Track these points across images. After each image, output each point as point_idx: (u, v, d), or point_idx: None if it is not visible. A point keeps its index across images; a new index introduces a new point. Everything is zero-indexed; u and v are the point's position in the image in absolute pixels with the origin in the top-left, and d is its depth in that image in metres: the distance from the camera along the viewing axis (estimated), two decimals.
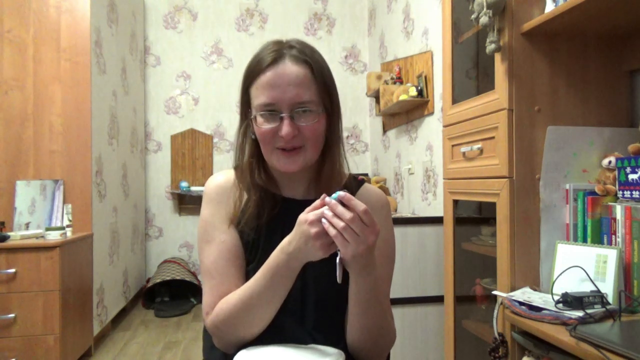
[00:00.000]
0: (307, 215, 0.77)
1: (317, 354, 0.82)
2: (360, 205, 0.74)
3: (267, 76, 0.85)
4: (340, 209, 0.74)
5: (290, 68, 0.85)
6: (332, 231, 0.75)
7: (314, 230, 0.76)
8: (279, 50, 0.87)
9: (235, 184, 0.95)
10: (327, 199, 0.76)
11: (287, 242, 0.81)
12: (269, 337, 0.88)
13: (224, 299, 0.88)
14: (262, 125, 0.85)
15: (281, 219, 0.92)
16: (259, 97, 0.86)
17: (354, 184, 0.99)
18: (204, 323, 0.92)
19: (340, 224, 0.74)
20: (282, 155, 0.87)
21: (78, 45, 2.78)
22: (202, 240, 0.94)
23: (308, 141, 0.87)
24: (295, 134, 0.85)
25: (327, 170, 0.93)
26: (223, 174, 0.98)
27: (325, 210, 0.76)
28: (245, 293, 0.85)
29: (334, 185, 0.92)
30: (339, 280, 0.78)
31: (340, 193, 0.75)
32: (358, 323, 0.87)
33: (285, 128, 0.83)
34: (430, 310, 2.27)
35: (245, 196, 0.92)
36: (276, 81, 0.84)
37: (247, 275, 0.92)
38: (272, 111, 0.85)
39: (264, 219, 0.91)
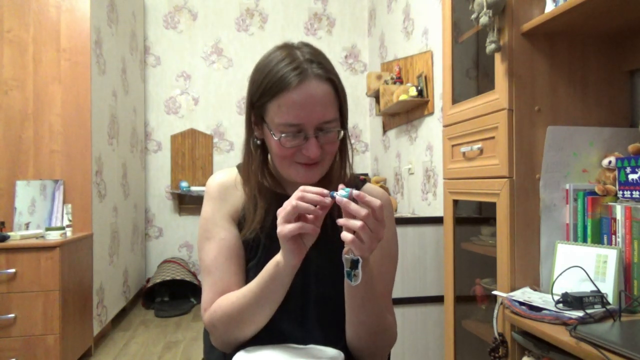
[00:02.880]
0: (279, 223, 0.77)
1: (316, 355, 0.82)
2: (375, 201, 0.74)
3: (293, 97, 0.82)
4: (354, 206, 0.73)
5: (316, 88, 0.83)
6: (348, 236, 0.74)
7: (279, 222, 0.76)
8: (300, 67, 0.84)
9: (238, 182, 0.95)
10: (338, 197, 0.75)
11: (279, 253, 0.81)
12: (268, 336, 0.88)
13: (223, 297, 0.88)
14: (286, 143, 0.85)
15: None
16: (282, 116, 0.84)
17: (357, 183, 0.99)
18: (202, 319, 0.93)
19: (357, 224, 0.73)
20: (301, 168, 0.87)
21: (78, 45, 2.78)
22: (202, 238, 0.94)
23: (327, 155, 0.88)
24: (320, 152, 0.85)
25: (336, 172, 0.93)
26: (225, 172, 0.98)
27: (295, 201, 0.75)
28: (241, 295, 0.85)
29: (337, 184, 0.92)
30: (356, 282, 0.77)
31: (354, 191, 0.74)
32: (356, 318, 0.87)
33: (313, 149, 0.84)
34: (430, 310, 2.27)
35: (250, 202, 0.92)
36: (304, 102, 0.82)
37: (247, 274, 0.92)
38: (297, 131, 0.84)
39: (269, 221, 0.90)
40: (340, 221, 0.75)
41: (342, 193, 0.75)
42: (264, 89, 0.85)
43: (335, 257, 0.90)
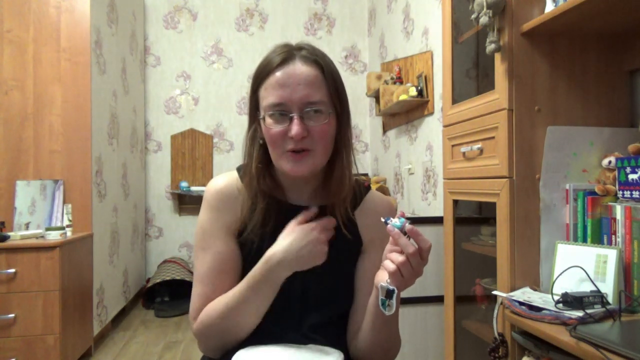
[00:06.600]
0: (312, 224, 0.83)
1: (317, 354, 0.82)
2: (426, 242, 0.74)
3: (276, 76, 0.83)
4: (403, 241, 0.73)
5: (300, 68, 0.83)
6: (390, 266, 0.74)
7: (323, 237, 0.83)
8: (288, 51, 0.85)
9: (238, 188, 0.92)
10: (390, 226, 0.74)
11: (271, 253, 0.81)
12: (267, 339, 0.88)
13: (210, 305, 0.88)
14: (272, 126, 0.83)
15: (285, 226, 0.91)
16: (267, 98, 0.83)
17: (362, 190, 0.97)
18: (190, 327, 0.92)
19: (399, 258, 0.73)
20: (291, 158, 0.84)
21: (78, 45, 2.78)
22: (198, 246, 0.93)
23: (317, 144, 0.84)
24: (305, 135, 0.82)
25: (336, 176, 0.89)
26: (224, 178, 0.95)
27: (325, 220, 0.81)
28: (230, 301, 0.85)
29: (342, 192, 0.90)
30: (389, 312, 0.77)
31: (408, 225, 0.73)
32: (376, 336, 0.87)
33: (295, 127, 0.81)
34: (430, 310, 2.26)
35: (250, 202, 0.90)
36: (286, 81, 0.82)
37: None
38: (281, 112, 0.82)
39: (269, 227, 0.89)
40: (387, 251, 0.77)
41: (395, 222, 0.74)
42: (255, 76, 0.88)
43: (336, 263, 0.90)
